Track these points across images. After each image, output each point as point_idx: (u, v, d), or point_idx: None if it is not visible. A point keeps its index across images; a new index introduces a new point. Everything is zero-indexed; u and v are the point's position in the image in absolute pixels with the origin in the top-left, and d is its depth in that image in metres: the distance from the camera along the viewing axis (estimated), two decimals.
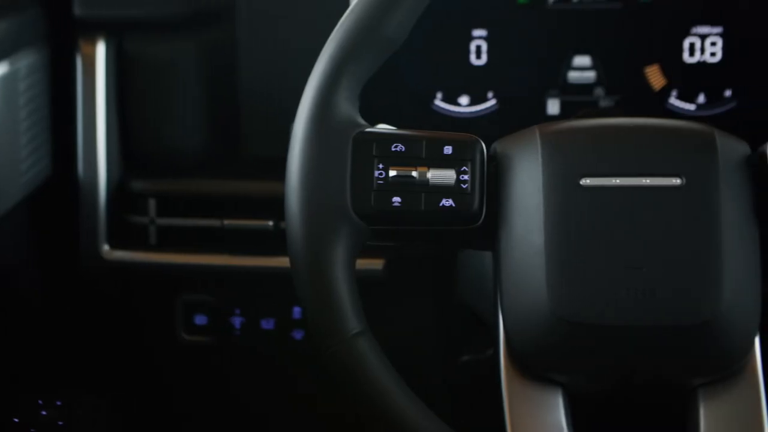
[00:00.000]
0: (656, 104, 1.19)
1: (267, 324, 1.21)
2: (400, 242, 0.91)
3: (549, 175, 0.81)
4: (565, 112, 1.20)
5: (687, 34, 1.18)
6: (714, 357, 0.80)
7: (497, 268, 0.83)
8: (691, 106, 1.19)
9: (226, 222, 1.16)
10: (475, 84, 1.20)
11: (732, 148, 0.82)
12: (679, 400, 0.83)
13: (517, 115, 1.19)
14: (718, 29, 1.17)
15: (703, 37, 1.18)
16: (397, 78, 1.20)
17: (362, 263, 1.13)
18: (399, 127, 0.86)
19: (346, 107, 0.83)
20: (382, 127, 0.87)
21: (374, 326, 1.17)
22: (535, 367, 0.83)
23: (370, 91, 1.17)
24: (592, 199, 0.80)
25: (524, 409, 0.82)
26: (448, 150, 0.83)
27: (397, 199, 0.82)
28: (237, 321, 1.22)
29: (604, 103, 1.20)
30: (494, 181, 0.84)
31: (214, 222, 1.17)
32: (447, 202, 0.82)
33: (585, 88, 1.20)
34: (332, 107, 0.82)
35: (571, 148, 0.82)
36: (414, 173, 0.82)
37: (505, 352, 0.83)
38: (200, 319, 1.23)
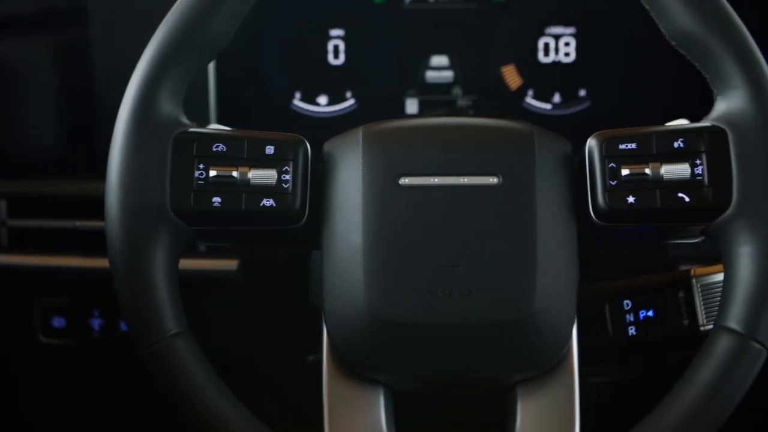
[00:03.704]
0: (513, 104, 1.21)
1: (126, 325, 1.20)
2: (224, 242, 0.91)
3: (369, 175, 0.81)
4: (424, 112, 1.21)
5: (541, 34, 1.19)
6: (530, 354, 0.81)
7: (321, 268, 0.83)
8: (547, 106, 1.21)
9: (79, 223, 1.15)
10: (334, 84, 1.21)
11: (551, 147, 0.83)
12: (499, 397, 0.84)
13: (376, 115, 1.19)
14: (571, 30, 1.19)
15: (557, 38, 1.19)
16: (255, 78, 1.20)
17: (216, 263, 1.14)
18: (258, 127, 0.86)
19: (168, 107, 0.82)
20: (213, 128, 0.87)
21: (229, 325, 1.17)
22: (356, 367, 0.83)
23: (229, 92, 1.18)
24: (410, 199, 0.80)
25: (343, 409, 0.82)
26: (270, 150, 0.82)
27: (217, 200, 0.81)
28: (96, 323, 1.21)
29: (461, 102, 1.21)
30: (320, 180, 0.84)
31: (66, 223, 1.15)
32: (268, 202, 0.81)
33: (443, 87, 1.21)
34: (153, 107, 0.81)
35: (391, 148, 0.82)
36: (235, 173, 0.81)
37: (327, 351, 0.83)
38: (58, 322, 1.21)
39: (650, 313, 0.91)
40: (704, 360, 0.77)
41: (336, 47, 1.20)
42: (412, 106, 1.21)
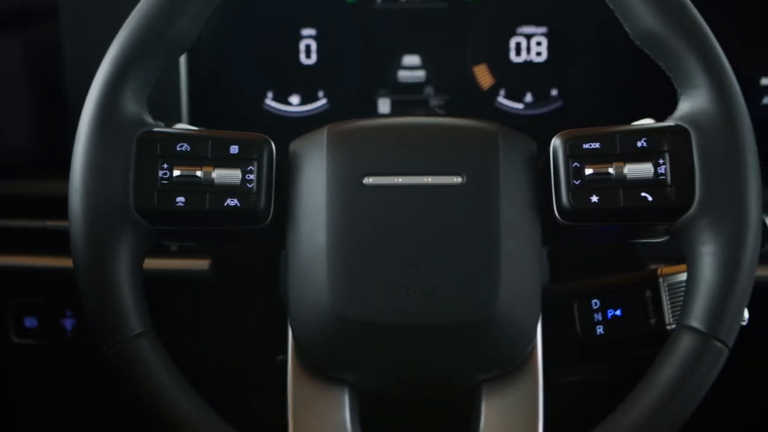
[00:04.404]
0: (485, 103, 1.21)
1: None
2: (189, 242, 0.91)
3: (333, 174, 0.81)
4: (396, 111, 1.21)
5: (513, 33, 1.19)
6: (495, 353, 0.81)
7: (286, 268, 0.83)
8: (519, 105, 1.21)
9: (49, 223, 1.14)
10: (306, 83, 1.20)
11: (516, 147, 0.83)
12: (464, 396, 0.84)
13: (348, 115, 1.19)
14: (543, 29, 1.19)
15: (528, 37, 1.19)
16: (227, 78, 1.20)
17: (187, 263, 1.14)
18: (230, 127, 0.86)
19: (132, 107, 0.82)
20: (178, 127, 0.86)
21: (200, 325, 1.17)
22: (321, 367, 0.83)
23: (200, 92, 1.17)
24: (375, 198, 0.81)
25: (307, 409, 0.82)
26: (234, 149, 0.82)
27: (181, 199, 0.81)
28: (68, 323, 1.21)
29: (433, 102, 1.21)
30: (286, 180, 0.84)
31: (36, 223, 1.15)
32: (232, 202, 0.81)
33: (415, 87, 1.21)
34: (116, 107, 0.81)
35: (356, 147, 0.83)
36: (199, 173, 0.81)
37: (292, 351, 0.84)
38: (30, 322, 1.21)
39: (618, 313, 0.92)
40: (666, 359, 0.77)
41: (308, 47, 1.20)
42: (384, 105, 1.21)
